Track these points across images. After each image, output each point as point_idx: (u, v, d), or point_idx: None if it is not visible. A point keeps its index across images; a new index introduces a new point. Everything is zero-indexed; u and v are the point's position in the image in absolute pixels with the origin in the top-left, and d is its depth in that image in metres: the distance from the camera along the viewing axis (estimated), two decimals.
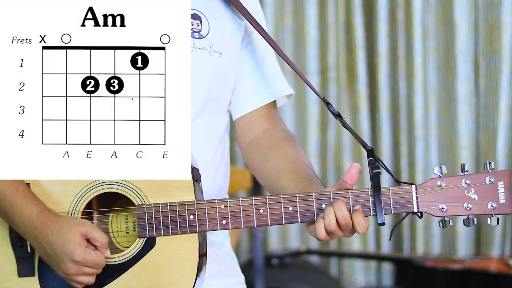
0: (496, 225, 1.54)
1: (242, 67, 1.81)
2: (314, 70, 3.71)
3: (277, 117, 1.85)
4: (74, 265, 1.53)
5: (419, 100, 3.44)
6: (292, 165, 1.71)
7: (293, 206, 1.56)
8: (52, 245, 1.54)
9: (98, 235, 1.55)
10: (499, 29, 3.19)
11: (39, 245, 1.56)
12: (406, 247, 3.53)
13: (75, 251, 1.53)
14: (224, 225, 1.58)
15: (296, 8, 3.73)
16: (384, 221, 1.53)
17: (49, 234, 1.54)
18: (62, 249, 1.53)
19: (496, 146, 3.23)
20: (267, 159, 1.76)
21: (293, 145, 1.77)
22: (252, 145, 1.81)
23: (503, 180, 1.53)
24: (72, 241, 1.53)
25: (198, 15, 1.74)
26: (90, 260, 1.54)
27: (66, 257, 1.53)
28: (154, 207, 1.58)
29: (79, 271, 1.54)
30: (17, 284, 1.61)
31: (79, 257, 1.53)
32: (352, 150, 3.65)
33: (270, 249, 3.73)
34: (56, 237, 1.54)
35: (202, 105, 1.73)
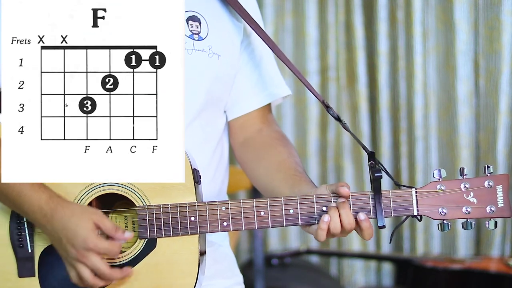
0: (494, 228, 1.55)
1: (239, 68, 1.81)
2: (314, 70, 3.71)
3: (271, 119, 1.85)
4: (85, 251, 1.53)
5: (419, 100, 3.44)
6: (283, 164, 1.72)
7: (293, 209, 1.57)
8: (64, 231, 1.54)
9: (110, 225, 1.55)
10: (499, 29, 3.19)
11: (50, 231, 1.56)
12: (406, 247, 3.54)
13: (88, 237, 1.52)
14: (225, 227, 1.58)
15: (296, 8, 3.73)
16: (385, 224, 1.54)
17: (60, 220, 1.54)
18: (74, 234, 1.53)
19: (496, 146, 3.23)
20: (259, 159, 1.76)
21: (285, 145, 1.77)
22: (245, 145, 1.81)
23: (501, 184, 1.55)
24: (85, 227, 1.53)
25: (197, 17, 1.73)
26: (103, 247, 1.53)
27: (78, 242, 1.53)
28: (155, 209, 1.59)
29: (89, 258, 1.53)
30: (17, 284, 1.61)
31: (92, 243, 1.52)
32: (352, 150, 3.66)
33: (270, 249, 3.73)
34: (68, 223, 1.54)
35: (200, 107, 1.73)
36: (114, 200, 1.65)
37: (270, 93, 1.83)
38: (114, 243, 1.55)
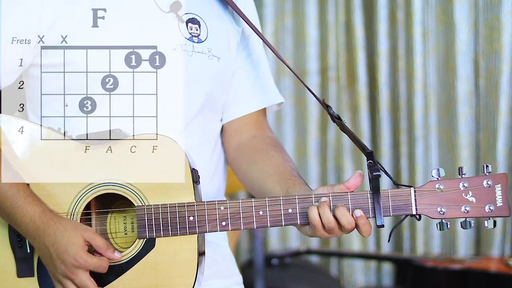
0: (492, 228, 1.55)
1: (236, 71, 1.81)
2: (314, 70, 3.71)
3: (266, 125, 1.86)
4: (74, 268, 1.54)
5: (419, 100, 3.44)
6: (278, 168, 1.72)
7: (292, 208, 1.57)
8: (55, 246, 1.54)
9: (101, 242, 1.56)
10: (499, 29, 3.19)
11: (40, 245, 1.57)
12: (406, 247, 3.54)
13: (78, 253, 1.53)
14: (223, 226, 1.58)
15: (296, 8, 3.73)
16: (383, 223, 1.54)
17: (51, 235, 1.55)
18: (65, 250, 1.54)
19: (496, 146, 3.23)
20: (252, 162, 1.76)
21: (278, 150, 1.78)
22: (238, 150, 1.81)
23: (500, 183, 1.54)
24: (76, 243, 1.54)
25: (197, 19, 1.74)
26: (92, 263, 1.54)
27: (68, 258, 1.54)
28: (154, 208, 1.59)
29: (78, 275, 1.54)
30: (16, 284, 1.61)
31: (82, 259, 1.54)
32: (352, 150, 3.66)
33: (270, 249, 3.73)
34: (59, 238, 1.54)
35: (200, 108, 1.73)
36: (113, 200, 1.65)
37: (265, 99, 1.84)
38: (103, 259, 1.56)
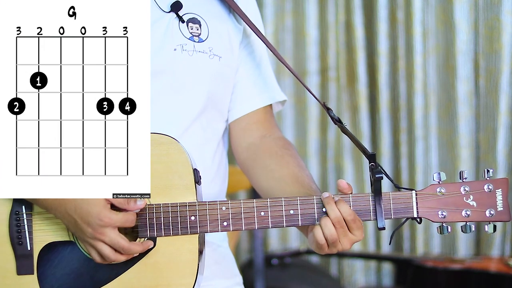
0: (492, 232, 1.56)
1: (238, 70, 1.81)
2: (314, 70, 3.71)
3: (274, 124, 1.85)
4: (101, 228, 1.53)
5: (419, 100, 3.44)
6: (296, 179, 1.71)
7: (294, 209, 1.57)
8: (77, 211, 1.53)
9: (121, 199, 1.54)
10: (499, 29, 3.19)
11: (63, 214, 1.56)
12: (406, 247, 3.54)
13: (101, 212, 1.52)
14: (225, 226, 1.58)
15: (296, 8, 3.73)
16: (385, 225, 1.55)
17: (71, 201, 1.54)
18: (88, 212, 1.53)
19: (496, 146, 3.23)
20: (268, 169, 1.76)
21: (292, 155, 1.77)
22: (250, 151, 1.81)
23: (501, 188, 1.56)
24: (97, 204, 1.53)
25: (197, 19, 1.74)
26: (118, 219, 1.53)
27: (93, 219, 1.52)
28: (155, 208, 1.59)
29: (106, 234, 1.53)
30: (16, 282, 1.61)
31: (107, 218, 1.52)
32: (352, 150, 3.66)
33: (270, 249, 3.73)
34: (79, 202, 1.53)
35: (201, 108, 1.73)
36: None
37: (270, 96, 1.84)
38: (128, 213, 1.54)
